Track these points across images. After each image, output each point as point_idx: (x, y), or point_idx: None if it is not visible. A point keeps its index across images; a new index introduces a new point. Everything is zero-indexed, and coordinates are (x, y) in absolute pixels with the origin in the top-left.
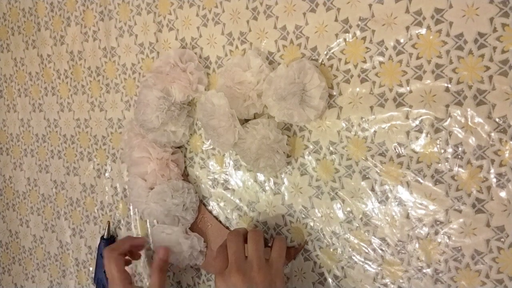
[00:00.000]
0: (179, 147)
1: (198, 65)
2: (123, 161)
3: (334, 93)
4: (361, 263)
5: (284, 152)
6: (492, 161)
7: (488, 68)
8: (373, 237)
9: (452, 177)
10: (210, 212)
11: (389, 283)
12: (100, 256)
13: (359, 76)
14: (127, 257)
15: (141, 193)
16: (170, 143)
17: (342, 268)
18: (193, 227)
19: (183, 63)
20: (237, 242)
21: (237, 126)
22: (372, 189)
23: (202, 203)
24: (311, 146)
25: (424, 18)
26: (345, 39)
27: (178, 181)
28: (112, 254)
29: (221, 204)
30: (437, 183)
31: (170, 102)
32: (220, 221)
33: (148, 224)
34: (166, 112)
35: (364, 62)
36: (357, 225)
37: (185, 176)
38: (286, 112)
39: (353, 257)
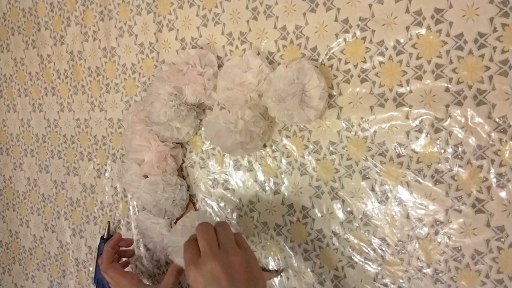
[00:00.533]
0: (179, 143)
1: (216, 72)
2: (122, 142)
3: (334, 93)
4: (361, 263)
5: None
6: (492, 161)
7: (488, 68)
8: (373, 237)
9: (452, 177)
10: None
11: (389, 283)
12: (100, 256)
13: (359, 76)
14: (124, 259)
15: (134, 178)
16: (172, 139)
17: (342, 268)
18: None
19: (202, 66)
20: (208, 231)
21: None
22: (372, 189)
23: (191, 202)
24: (311, 146)
25: (424, 18)
26: (345, 39)
27: (173, 176)
28: (106, 265)
29: (221, 204)
30: (437, 183)
31: (180, 101)
32: None
33: (131, 211)
34: (174, 110)
35: (364, 62)
36: (357, 225)
37: (180, 171)
38: (286, 113)
39: (353, 257)
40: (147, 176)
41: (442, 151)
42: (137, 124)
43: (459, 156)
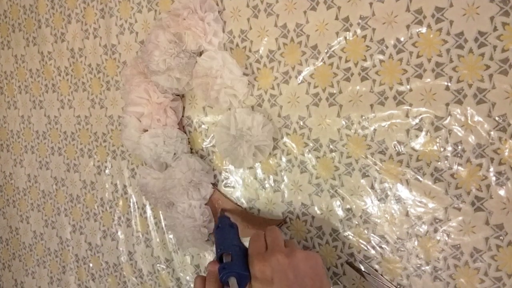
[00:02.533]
0: (179, 95)
1: (217, 17)
2: (121, 96)
3: (334, 91)
4: (360, 260)
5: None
6: (492, 159)
7: (488, 67)
8: (372, 234)
9: (452, 175)
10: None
11: (387, 280)
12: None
13: (359, 74)
14: None
15: (133, 133)
16: (172, 90)
17: (342, 265)
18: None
19: (202, 11)
20: (276, 231)
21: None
22: (372, 187)
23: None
24: (311, 144)
25: (424, 17)
26: (345, 38)
27: (173, 129)
28: None
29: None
30: (437, 181)
31: (180, 48)
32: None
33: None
34: (174, 57)
35: (365, 60)
36: (357, 222)
37: (181, 125)
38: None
39: (352, 255)
40: (147, 131)
41: (442, 149)
42: (135, 77)
43: (459, 155)
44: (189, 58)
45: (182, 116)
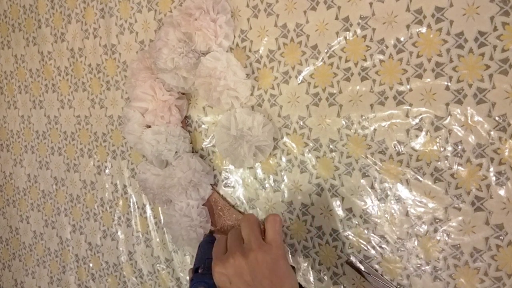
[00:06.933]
0: (184, 94)
1: (229, 20)
2: (126, 89)
3: (334, 91)
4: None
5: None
6: (492, 159)
7: (488, 66)
8: (372, 234)
9: (452, 175)
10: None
11: (388, 280)
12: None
13: (359, 74)
14: None
15: (136, 128)
16: (178, 88)
17: (342, 265)
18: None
19: (215, 13)
20: (236, 234)
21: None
22: (372, 187)
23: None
24: (311, 144)
25: (424, 17)
26: (345, 37)
27: (177, 127)
28: None
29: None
30: (437, 181)
31: (189, 48)
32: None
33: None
34: (183, 57)
35: (365, 60)
36: (357, 222)
37: (185, 124)
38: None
39: (352, 255)
40: (150, 127)
41: (442, 149)
42: (142, 71)
43: (459, 154)
44: (197, 58)
45: (186, 116)
